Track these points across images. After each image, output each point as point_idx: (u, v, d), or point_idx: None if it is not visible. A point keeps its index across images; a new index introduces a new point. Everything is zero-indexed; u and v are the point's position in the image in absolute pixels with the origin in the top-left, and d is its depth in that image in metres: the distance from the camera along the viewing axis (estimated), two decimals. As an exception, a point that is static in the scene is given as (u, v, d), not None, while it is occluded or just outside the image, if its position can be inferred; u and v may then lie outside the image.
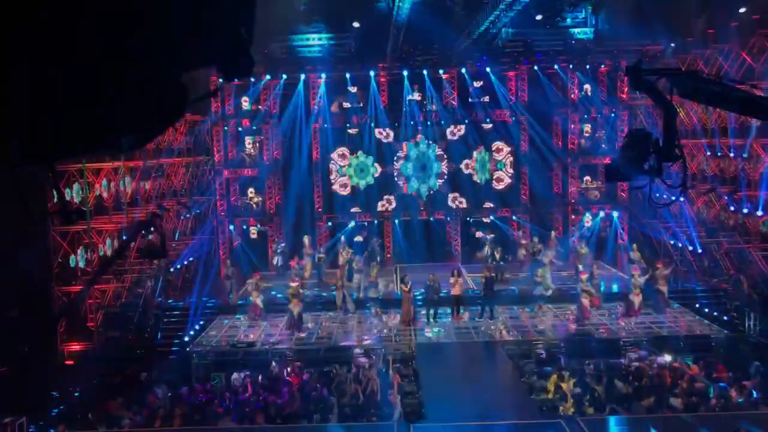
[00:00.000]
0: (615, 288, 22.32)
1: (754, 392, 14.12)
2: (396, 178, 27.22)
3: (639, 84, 5.72)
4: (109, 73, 1.49)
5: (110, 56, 1.49)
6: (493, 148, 27.09)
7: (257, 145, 27.10)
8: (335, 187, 27.11)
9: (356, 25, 24.97)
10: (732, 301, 20.47)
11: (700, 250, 23.11)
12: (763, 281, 19.81)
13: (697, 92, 5.52)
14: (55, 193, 14.03)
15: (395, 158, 27.15)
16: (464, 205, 27.27)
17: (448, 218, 27.19)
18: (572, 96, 26.77)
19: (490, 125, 26.84)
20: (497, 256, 23.67)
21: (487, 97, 26.81)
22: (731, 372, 15.39)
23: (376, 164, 27.10)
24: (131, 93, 1.54)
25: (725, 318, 19.64)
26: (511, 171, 27.32)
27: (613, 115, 26.65)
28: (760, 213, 21.29)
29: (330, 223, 26.83)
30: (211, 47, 1.60)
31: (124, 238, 19.89)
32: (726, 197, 22.50)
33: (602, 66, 26.34)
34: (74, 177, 19.90)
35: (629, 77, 5.81)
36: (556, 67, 26.11)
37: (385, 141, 27.08)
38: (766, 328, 18.48)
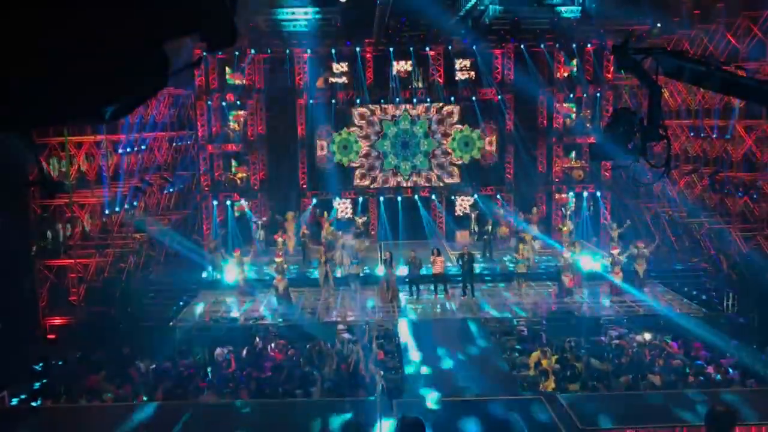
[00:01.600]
0: (596, 266, 22.48)
1: (731, 370, 14.36)
2: (380, 156, 27.18)
3: (625, 63, 5.73)
4: (90, 39, 1.47)
5: (90, 22, 1.46)
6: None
7: (241, 119, 26.91)
8: (320, 162, 27.05)
9: (342, -1, 24.71)
10: (711, 281, 20.73)
11: (680, 230, 23.34)
12: (742, 261, 20.06)
13: (681, 72, 5.54)
14: (36, 165, 13.88)
15: (379, 135, 27.10)
16: (449, 183, 27.31)
17: (433, 196, 27.23)
18: (558, 75, 26.76)
19: (476, 103, 26.80)
20: (489, 229, 23.80)
21: (473, 74, 26.77)
22: (709, 350, 15.63)
23: (360, 141, 27.04)
24: (112, 60, 1.51)
25: (704, 297, 19.89)
26: (496, 149, 27.38)
27: (598, 94, 26.69)
28: (740, 194, 21.48)
29: (315, 200, 26.78)
30: (195, 15, 1.58)
31: None
32: (708, 178, 22.67)
33: (588, 45, 26.32)
34: (56, 150, 19.67)
35: (615, 56, 5.81)
36: (542, 45, 26.06)
37: (369, 117, 26.99)
38: (744, 308, 18.75)
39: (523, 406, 13.17)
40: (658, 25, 24.07)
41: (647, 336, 16.48)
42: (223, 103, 26.48)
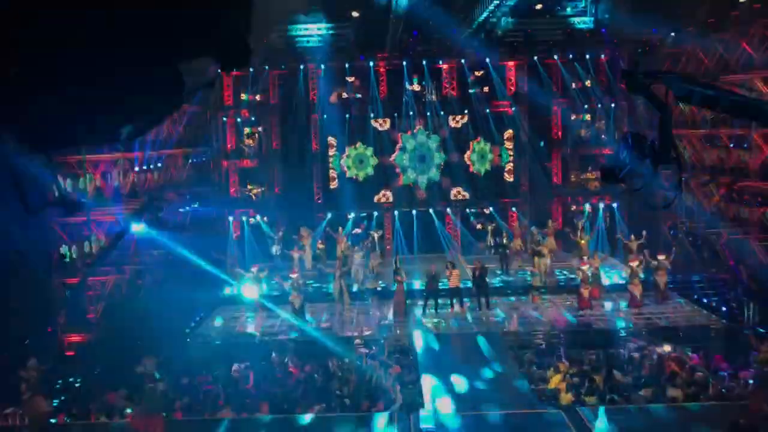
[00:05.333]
0: (615, 279, 22.34)
1: (753, 382, 14.16)
2: (395, 170, 27.21)
3: (635, 87, 5.79)
4: (107, 64, 1.48)
5: (108, 46, 1.48)
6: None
7: (256, 135, 27.08)
8: (335, 177, 27.12)
9: (355, 14, 24.87)
10: (731, 292, 20.48)
11: (699, 241, 23.10)
12: (762, 271, 19.82)
13: (691, 96, 5.59)
14: (54, 184, 14.03)
15: (394, 149, 27.14)
16: (464, 197, 27.27)
17: (448, 209, 27.19)
18: (572, 86, 26.71)
19: (490, 115, 26.78)
20: (505, 243, 23.77)
21: (487, 87, 26.78)
22: (730, 362, 15.43)
23: (375, 155, 27.08)
24: (129, 83, 1.53)
25: (724, 308, 19.65)
26: (511, 161, 27.33)
27: (612, 105, 26.60)
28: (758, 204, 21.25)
29: (329, 214, 26.83)
30: (209, 37, 1.60)
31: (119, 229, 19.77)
32: (725, 188, 22.47)
33: (602, 56, 26.28)
34: (74, 168, 19.86)
35: (625, 80, 5.88)
36: (555, 57, 26.04)
37: (384, 132, 27.05)
38: (764, 319, 18.51)
39: (542, 420, 13.08)
40: (672, 34, 23.99)
41: (667, 348, 16.30)
42: (238, 119, 26.66)
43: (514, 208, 27.11)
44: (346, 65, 26.10)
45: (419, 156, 27.10)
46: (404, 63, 26.15)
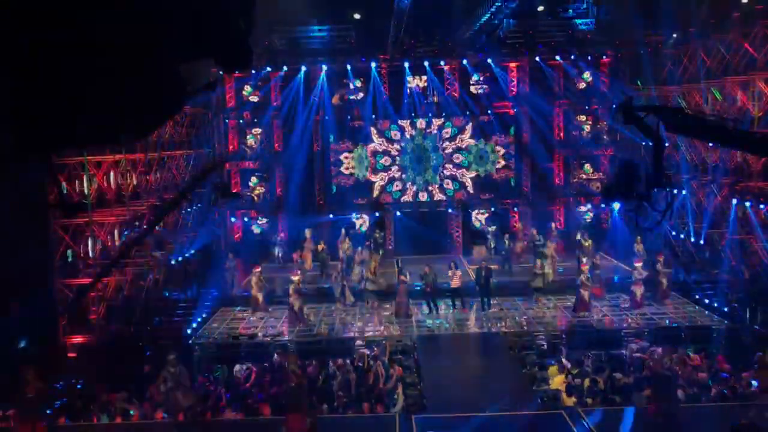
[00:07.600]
0: (616, 279, 22.32)
1: (755, 383, 14.14)
2: (395, 170, 27.20)
3: (629, 119, 6.03)
4: (108, 66, 1.48)
5: (109, 48, 1.48)
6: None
7: (258, 137, 27.11)
8: (336, 178, 27.13)
9: (357, 16, 24.90)
10: (733, 292, 20.46)
11: (701, 242, 23.08)
12: (764, 272, 19.79)
13: (681, 127, 5.82)
14: (55, 186, 14.03)
15: (394, 150, 27.13)
16: (465, 197, 27.26)
17: (449, 210, 27.19)
18: (574, 87, 26.71)
19: (491, 116, 26.78)
20: (506, 244, 23.78)
21: (489, 87, 26.78)
22: (732, 363, 15.41)
23: (375, 156, 27.07)
24: (130, 85, 1.53)
25: (726, 309, 19.63)
26: (513, 162, 27.31)
27: (614, 106, 26.57)
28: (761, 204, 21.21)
29: (331, 215, 26.84)
30: (210, 38, 1.60)
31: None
32: (727, 188, 22.44)
33: (604, 57, 26.26)
34: (76, 170, 19.87)
35: (620, 113, 6.12)
36: (557, 58, 26.04)
37: (385, 132, 27.05)
38: (767, 319, 18.48)
39: (544, 421, 13.08)
40: (674, 35, 23.99)
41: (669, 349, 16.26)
42: (240, 121, 26.69)
43: (516, 209, 27.10)
44: (348, 66, 26.10)
45: (417, 157, 27.09)
46: (406, 64, 26.15)
